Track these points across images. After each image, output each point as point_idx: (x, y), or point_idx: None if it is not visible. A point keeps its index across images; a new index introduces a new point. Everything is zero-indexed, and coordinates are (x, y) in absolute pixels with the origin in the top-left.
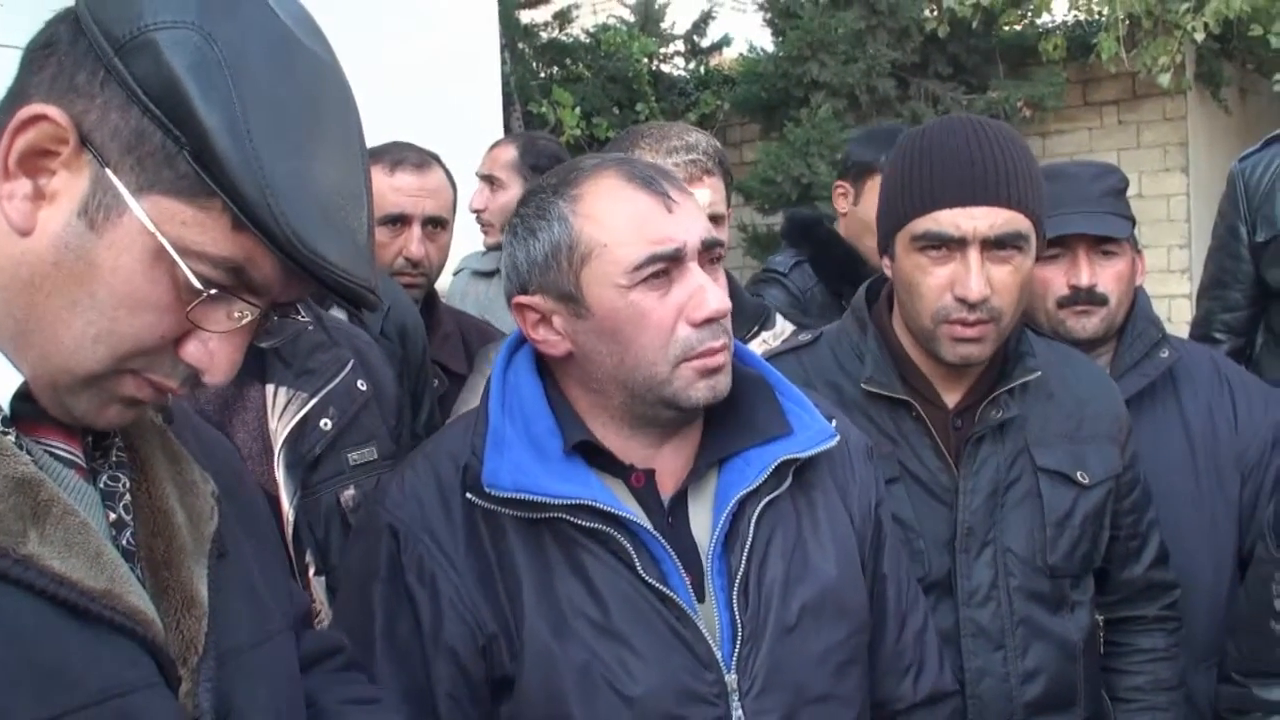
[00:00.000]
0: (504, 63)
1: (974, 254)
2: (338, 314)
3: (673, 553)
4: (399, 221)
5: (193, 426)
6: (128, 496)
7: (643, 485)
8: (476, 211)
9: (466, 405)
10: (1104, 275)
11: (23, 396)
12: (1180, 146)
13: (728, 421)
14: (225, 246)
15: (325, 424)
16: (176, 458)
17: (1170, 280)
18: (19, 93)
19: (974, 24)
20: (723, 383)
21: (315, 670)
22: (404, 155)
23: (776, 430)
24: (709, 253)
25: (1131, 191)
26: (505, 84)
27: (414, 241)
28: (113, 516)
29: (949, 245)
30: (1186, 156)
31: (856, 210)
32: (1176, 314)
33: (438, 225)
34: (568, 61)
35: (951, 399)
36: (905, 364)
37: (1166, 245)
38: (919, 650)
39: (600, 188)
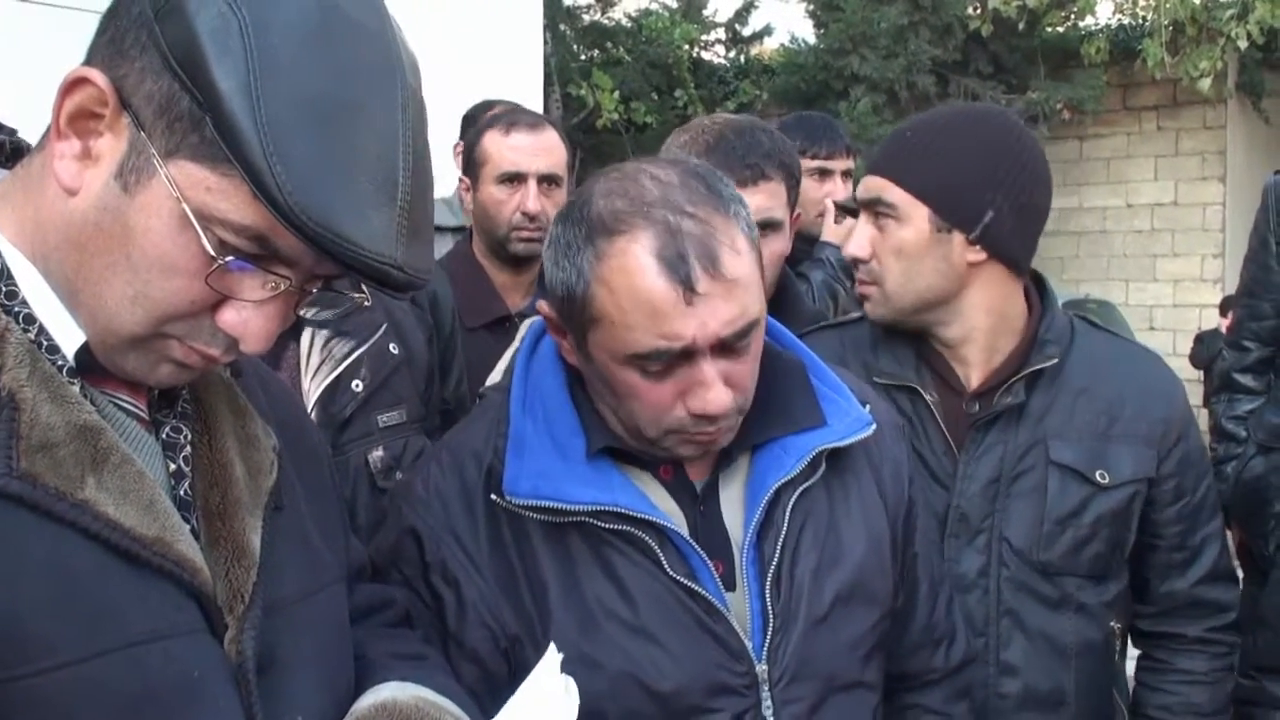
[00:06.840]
0: (545, 44)
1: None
2: None
3: (699, 549)
4: (515, 180)
5: (261, 379)
6: (189, 448)
7: (671, 477)
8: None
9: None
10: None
11: (89, 349)
12: (1219, 155)
13: (761, 407)
14: (247, 215)
15: (357, 385)
16: (240, 412)
17: (1202, 289)
18: (87, 56)
19: (1019, 24)
20: (718, 444)
21: (366, 622)
22: (518, 117)
23: (811, 420)
24: (735, 344)
25: (1167, 198)
26: (545, 65)
27: (530, 198)
28: (172, 467)
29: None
30: (1224, 165)
31: None
32: (1207, 323)
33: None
34: (608, 45)
35: (971, 384)
36: (927, 347)
37: (1200, 254)
38: (950, 622)
39: (625, 260)
